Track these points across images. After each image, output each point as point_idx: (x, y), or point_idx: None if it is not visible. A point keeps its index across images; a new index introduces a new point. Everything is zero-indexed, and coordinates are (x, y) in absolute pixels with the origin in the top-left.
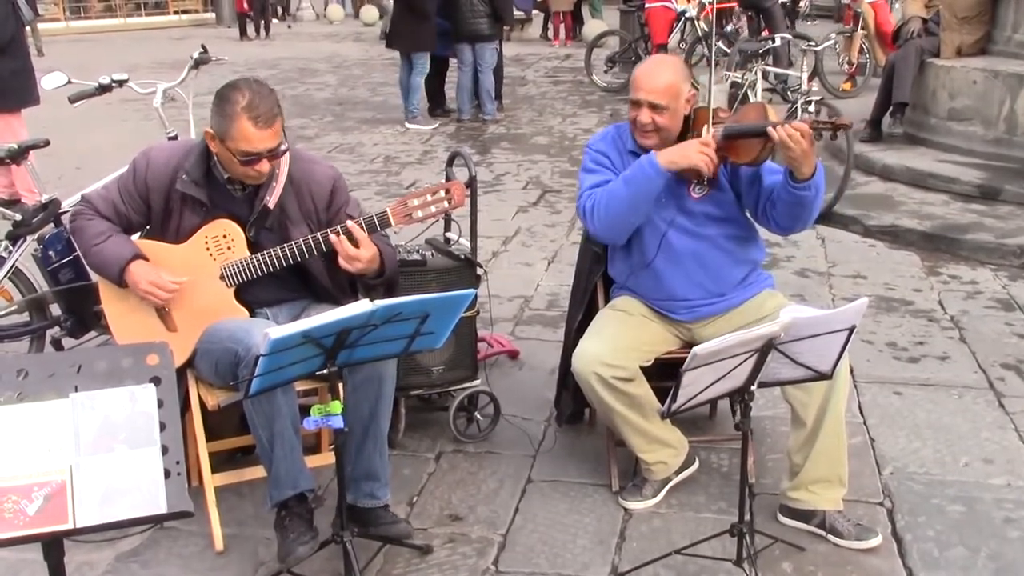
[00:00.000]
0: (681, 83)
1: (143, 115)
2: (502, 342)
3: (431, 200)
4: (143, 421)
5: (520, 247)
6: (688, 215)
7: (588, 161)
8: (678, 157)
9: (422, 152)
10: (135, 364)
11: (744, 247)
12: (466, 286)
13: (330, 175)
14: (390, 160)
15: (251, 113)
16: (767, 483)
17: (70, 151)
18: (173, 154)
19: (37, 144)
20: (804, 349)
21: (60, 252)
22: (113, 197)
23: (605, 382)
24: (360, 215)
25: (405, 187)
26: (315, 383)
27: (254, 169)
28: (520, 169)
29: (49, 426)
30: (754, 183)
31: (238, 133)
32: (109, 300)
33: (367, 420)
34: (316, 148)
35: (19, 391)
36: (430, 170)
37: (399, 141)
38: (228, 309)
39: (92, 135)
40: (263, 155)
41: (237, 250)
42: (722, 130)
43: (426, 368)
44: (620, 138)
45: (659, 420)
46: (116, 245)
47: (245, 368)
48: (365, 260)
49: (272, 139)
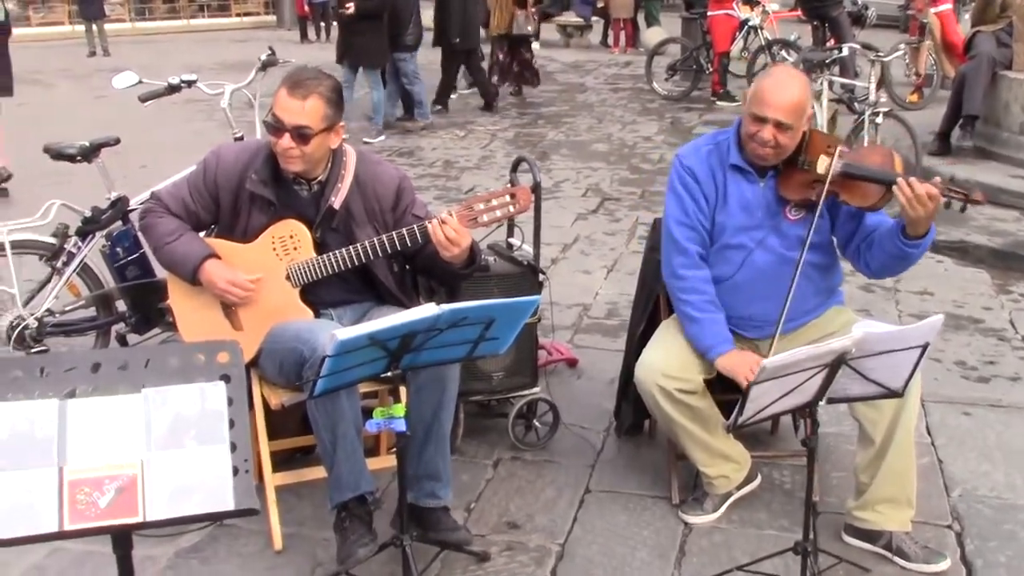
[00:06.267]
0: (807, 101)
1: (206, 116)
2: (561, 350)
3: (496, 204)
4: (213, 418)
5: (579, 255)
6: (780, 236)
7: (676, 180)
8: (730, 368)
9: (481, 157)
10: (206, 361)
11: (826, 276)
12: (527, 292)
13: (396, 176)
14: (449, 165)
15: (291, 80)
16: (831, 502)
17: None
18: (243, 153)
19: (108, 142)
20: (876, 365)
21: (127, 249)
22: (183, 195)
23: (668, 394)
24: (427, 216)
25: (464, 192)
26: (377, 385)
27: (277, 143)
28: (579, 176)
29: (122, 420)
30: (853, 218)
31: (275, 97)
32: (178, 297)
33: (429, 422)
34: (376, 151)
35: (93, 385)
36: (489, 175)
37: (458, 146)
38: (293, 309)
39: (156, 134)
40: (286, 127)
41: (303, 250)
42: (841, 165)
43: (486, 374)
44: (718, 152)
45: (722, 434)
46: (189, 243)
47: (310, 369)
48: (463, 246)
49: (299, 113)
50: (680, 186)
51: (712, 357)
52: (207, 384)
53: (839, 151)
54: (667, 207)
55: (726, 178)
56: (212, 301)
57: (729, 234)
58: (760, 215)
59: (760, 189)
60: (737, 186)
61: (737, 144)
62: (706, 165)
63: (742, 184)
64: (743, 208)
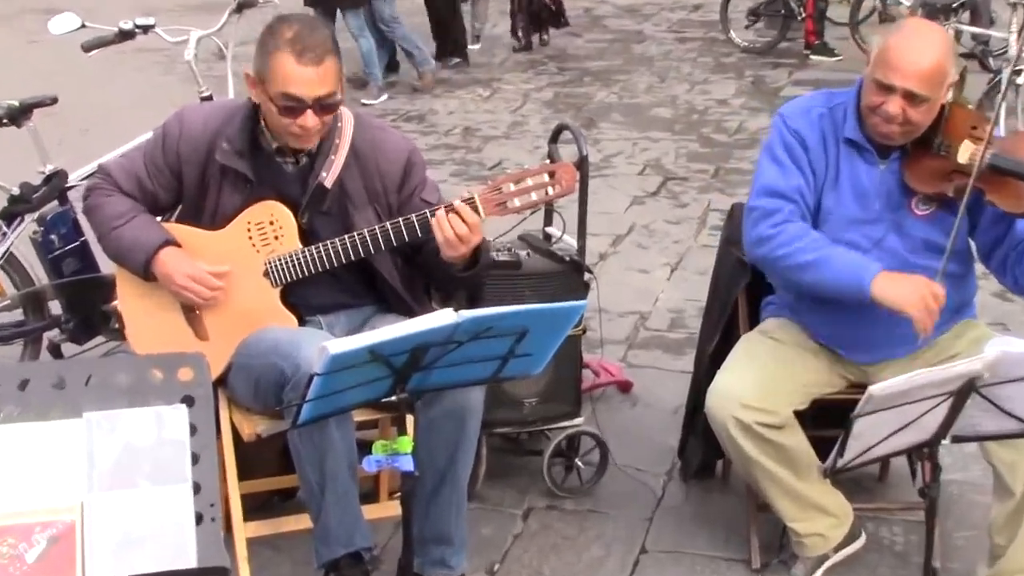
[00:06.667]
0: (949, 65)
1: (164, 68)
2: (611, 370)
3: (532, 184)
4: (172, 451)
5: (635, 248)
6: (903, 236)
7: (777, 143)
8: (895, 297)
9: (510, 124)
10: (164, 379)
11: (960, 288)
12: (569, 296)
13: (404, 148)
14: (470, 133)
15: (296, 46)
16: (956, 568)
17: (76, 111)
18: (212, 117)
19: (43, 102)
20: (1015, 394)
21: (65, 236)
22: (137, 169)
23: (747, 428)
24: (439, 203)
25: (489, 168)
26: (377, 413)
27: (296, 123)
28: (635, 149)
29: (57, 453)
30: (1000, 222)
31: (279, 70)
32: (128, 297)
33: (443, 464)
34: (376, 114)
35: (21, 407)
36: (520, 147)
37: (481, 109)
38: (272, 314)
39: (103, 92)
40: (307, 103)
41: (286, 240)
42: (990, 158)
43: (516, 400)
44: (832, 119)
45: (817, 480)
46: (142, 228)
47: (293, 390)
48: (473, 243)
49: (321, 83)
50: (783, 151)
51: (866, 287)
52: (165, 408)
53: (988, 136)
54: (760, 177)
55: (839, 154)
56: (171, 302)
57: (837, 226)
58: (878, 207)
59: (880, 173)
60: (851, 166)
61: (856, 113)
62: (817, 131)
63: (857, 164)
64: (857, 196)
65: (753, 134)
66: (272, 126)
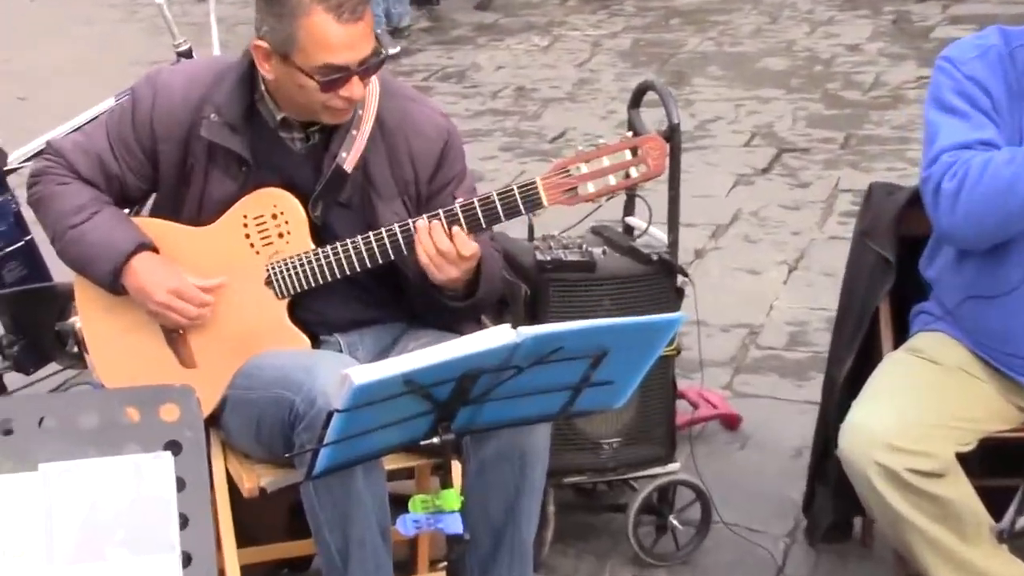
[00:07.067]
0: None
1: (124, 14)
2: (713, 401)
3: (609, 166)
4: (154, 511)
5: (741, 242)
6: None
7: (948, 90)
8: None
9: (576, 81)
10: (142, 419)
11: None
12: (659, 305)
13: (442, 127)
14: (524, 94)
15: (329, 1)
16: None
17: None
18: (195, 81)
19: None
20: None
21: (5, 234)
22: (99, 149)
23: (895, 477)
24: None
25: (549, 140)
26: (414, 459)
27: (340, 96)
28: (739, 112)
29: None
30: None
31: (314, 36)
32: (90, 313)
33: (500, 524)
34: (404, 73)
35: None
36: (589, 111)
37: (537, 63)
38: (278, 334)
39: (43, 47)
40: (352, 69)
41: (294, 239)
42: None
43: (592, 441)
44: (1013, 65)
45: (988, 544)
46: (108, 227)
47: (307, 431)
48: (464, 264)
49: (365, 39)
50: (958, 96)
51: None
52: (144, 456)
53: None
54: (934, 138)
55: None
56: (147, 320)
57: None
58: None
59: None
60: None
61: None
62: (999, 78)
63: None
64: None
65: (895, 89)
66: (298, 103)
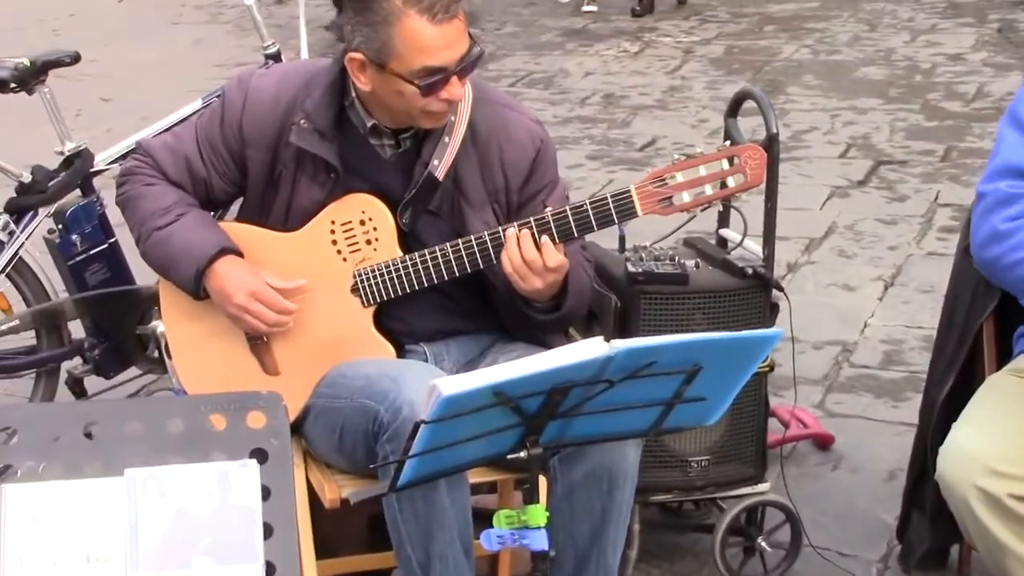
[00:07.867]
0: None
1: (210, 16)
2: (806, 420)
3: (706, 175)
4: (239, 520)
5: (835, 257)
6: None
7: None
8: None
9: (667, 88)
10: (228, 426)
11: None
12: (753, 320)
13: (536, 135)
14: (612, 102)
15: (421, 3)
16: None
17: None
18: (285, 86)
19: (62, 60)
20: None
21: (89, 236)
22: (187, 151)
23: (997, 503)
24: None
25: (639, 148)
26: (496, 474)
27: (439, 99)
28: (835, 123)
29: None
30: None
31: (411, 41)
32: (174, 319)
33: (586, 542)
34: (491, 79)
35: (42, 461)
36: (679, 119)
37: (627, 69)
38: (363, 342)
39: (129, 48)
40: (451, 70)
41: (382, 246)
42: None
43: (680, 458)
44: None
45: None
46: (194, 229)
47: (392, 442)
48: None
49: (460, 37)
50: None
51: None
52: (230, 464)
53: None
54: (999, 152)
55: None
56: (230, 326)
57: None
58: None
59: None
60: None
61: None
62: None
63: None
64: None
65: (998, 101)
66: (395, 110)
